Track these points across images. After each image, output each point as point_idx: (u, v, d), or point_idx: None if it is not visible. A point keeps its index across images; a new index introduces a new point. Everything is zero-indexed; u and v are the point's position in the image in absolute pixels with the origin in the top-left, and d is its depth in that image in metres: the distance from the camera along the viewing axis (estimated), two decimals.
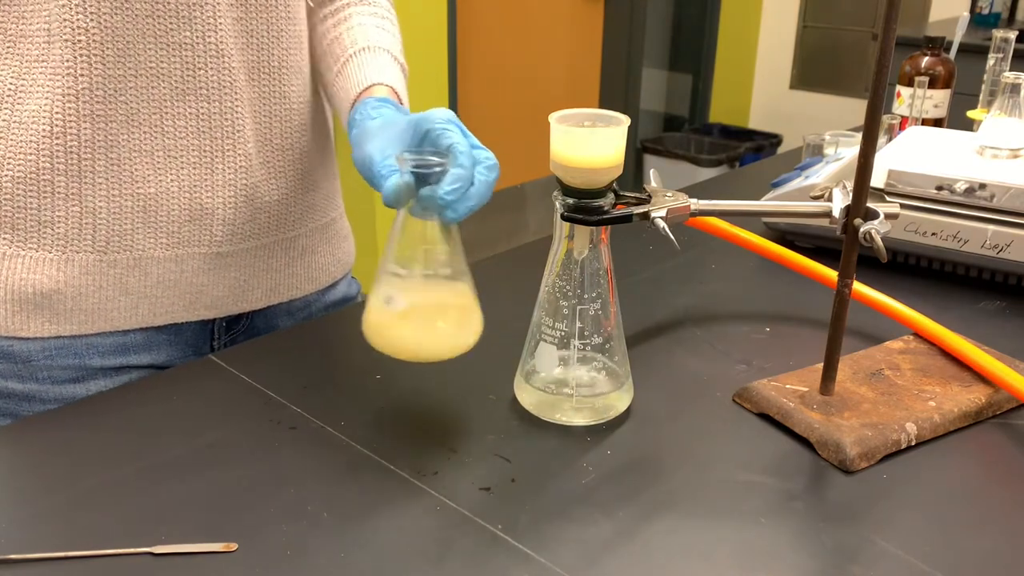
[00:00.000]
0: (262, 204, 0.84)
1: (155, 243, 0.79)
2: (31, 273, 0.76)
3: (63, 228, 0.76)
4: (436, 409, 0.72)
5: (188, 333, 0.85)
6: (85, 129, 0.73)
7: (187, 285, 0.82)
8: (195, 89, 0.76)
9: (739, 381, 0.74)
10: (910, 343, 0.79)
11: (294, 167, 0.86)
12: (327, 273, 0.94)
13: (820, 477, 0.64)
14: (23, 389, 0.79)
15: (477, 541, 0.57)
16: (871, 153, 0.63)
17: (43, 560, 0.54)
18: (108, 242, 0.77)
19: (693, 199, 0.72)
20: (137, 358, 0.83)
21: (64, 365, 0.80)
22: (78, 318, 0.79)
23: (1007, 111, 0.99)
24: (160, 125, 0.75)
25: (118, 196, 0.76)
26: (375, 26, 0.87)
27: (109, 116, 0.73)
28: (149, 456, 0.65)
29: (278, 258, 0.88)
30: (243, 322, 0.89)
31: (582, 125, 0.64)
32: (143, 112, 0.75)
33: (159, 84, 0.74)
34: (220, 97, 0.77)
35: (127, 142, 0.75)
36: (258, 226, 0.84)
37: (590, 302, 0.67)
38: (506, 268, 1.04)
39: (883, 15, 0.59)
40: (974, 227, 0.92)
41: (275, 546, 0.56)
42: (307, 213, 0.90)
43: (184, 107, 0.76)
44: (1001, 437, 0.70)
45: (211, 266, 0.83)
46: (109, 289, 0.79)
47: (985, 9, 3.19)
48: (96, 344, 0.80)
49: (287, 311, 0.92)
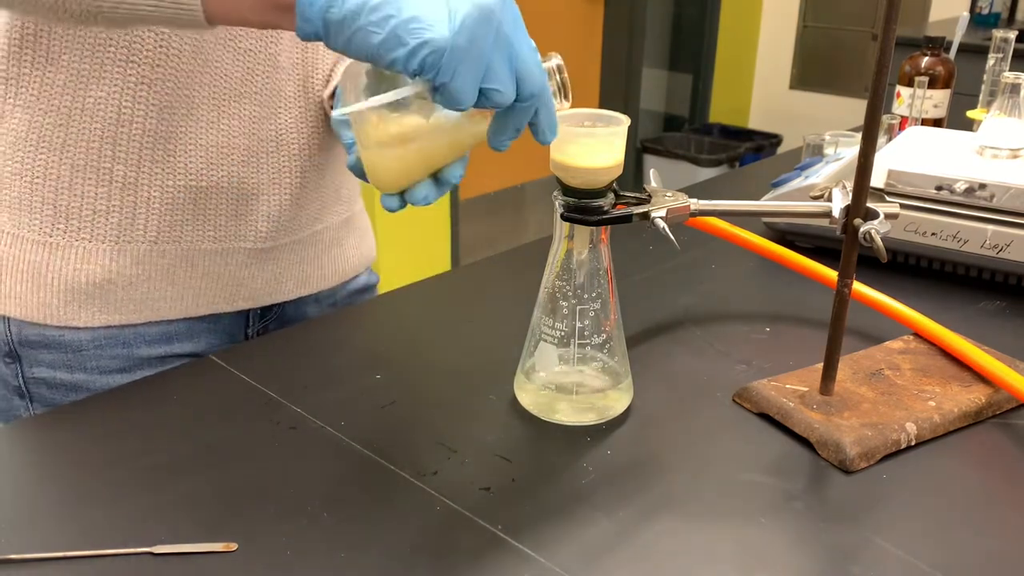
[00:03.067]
0: (301, 203, 0.87)
1: (203, 236, 0.81)
2: (85, 264, 0.78)
3: (117, 218, 0.77)
4: (436, 409, 0.72)
5: (226, 321, 0.88)
6: (151, 119, 0.75)
7: (230, 278, 0.85)
8: (251, 93, 0.79)
9: (739, 381, 0.74)
10: (910, 343, 0.79)
11: (330, 168, 0.90)
12: (352, 265, 0.98)
13: (820, 477, 0.64)
14: (71, 379, 0.81)
15: (477, 541, 0.57)
16: (871, 153, 0.63)
17: (43, 560, 0.54)
18: (159, 233, 0.79)
19: (693, 199, 0.72)
20: (180, 347, 0.85)
21: (113, 355, 0.81)
22: (128, 308, 0.80)
23: (1007, 111, 0.99)
24: (217, 122, 0.78)
25: (172, 188, 0.78)
26: None
27: (174, 108, 0.75)
28: (149, 456, 0.65)
29: (309, 251, 0.91)
30: (275, 311, 0.92)
31: (582, 125, 0.64)
32: (203, 107, 0.77)
33: (221, 83, 0.77)
34: (271, 103, 0.81)
35: (184, 135, 0.77)
36: (296, 223, 0.88)
37: (590, 302, 0.67)
38: (506, 268, 1.04)
39: (883, 15, 0.59)
40: (974, 227, 0.92)
41: (275, 546, 0.56)
42: (333, 208, 0.93)
43: (239, 107, 0.79)
44: (1001, 437, 0.70)
45: (253, 260, 0.86)
46: (158, 279, 0.81)
47: (985, 9, 3.20)
48: (143, 333, 0.82)
49: (315, 299, 0.95)
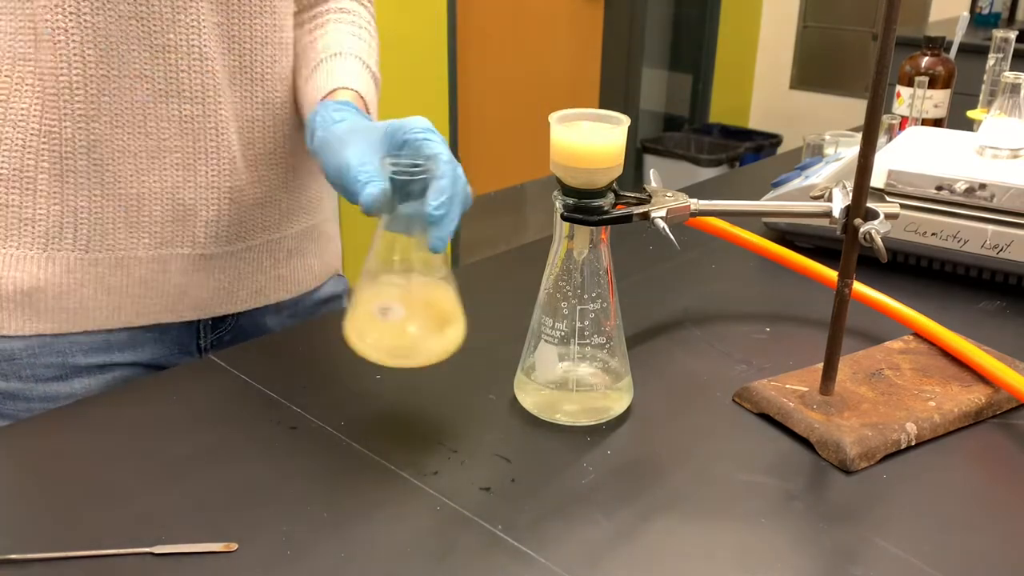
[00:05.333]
0: (247, 206, 0.83)
1: (137, 243, 0.79)
2: (12, 271, 0.76)
3: (44, 226, 0.76)
4: (436, 409, 0.72)
5: (174, 332, 0.85)
6: (67, 129, 0.73)
7: (170, 286, 0.82)
8: (178, 91, 0.76)
9: (739, 381, 0.74)
10: (910, 343, 0.79)
11: (280, 170, 0.86)
12: (313, 275, 0.94)
13: (820, 477, 0.64)
14: (6, 387, 0.79)
15: (477, 541, 0.57)
16: (871, 153, 0.63)
17: (43, 560, 0.54)
18: (90, 241, 0.77)
19: (693, 199, 0.72)
20: (121, 356, 0.83)
21: (47, 363, 0.80)
22: (60, 316, 0.79)
23: (1007, 111, 0.99)
24: (143, 126, 0.75)
25: (100, 196, 0.76)
26: (350, 34, 0.87)
27: (92, 116, 0.74)
28: (149, 456, 0.65)
29: (264, 260, 0.88)
30: (229, 321, 0.89)
31: (582, 125, 0.64)
32: (126, 113, 0.75)
33: (142, 85, 0.74)
34: (203, 100, 0.77)
35: (110, 142, 0.75)
36: (243, 228, 0.84)
37: (590, 302, 0.67)
38: (506, 268, 1.04)
39: (883, 15, 0.59)
40: (974, 227, 0.92)
41: (275, 546, 0.56)
42: (293, 216, 0.89)
43: (167, 109, 0.76)
44: (1001, 437, 0.70)
45: (195, 267, 0.82)
46: (91, 288, 0.79)
47: (985, 9, 3.20)
48: (80, 342, 0.80)
49: (274, 310, 0.92)
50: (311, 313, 0.95)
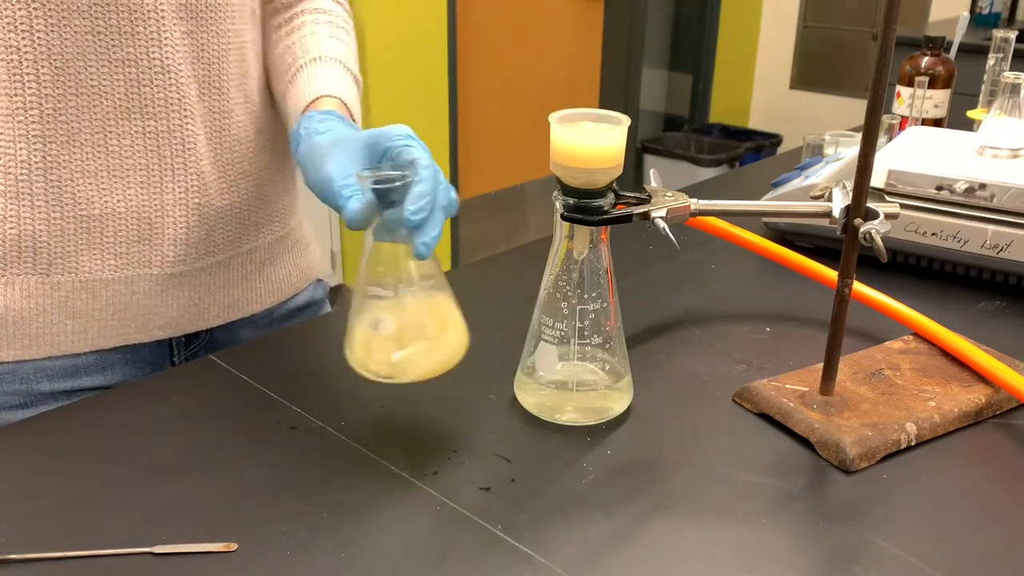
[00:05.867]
0: (217, 221, 0.81)
1: (102, 265, 0.76)
2: None
3: (0, 250, 0.73)
4: (436, 409, 0.72)
5: (145, 351, 0.83)
6: (22, 150, 0.70)
7: (138, 307, 0.79)
8: (140, 106, 0.73)
9: (739, 381, 0.74)
10: (910, 343, 0.79)
11: (251, 181, 0.83)
12: (289, 284, 0.92)
13: (820, 477, 0.64)
14: None
15: (477, 541, 0.57)
16: (871, 153, 0.63)
17: (43, 560, 0.54)
18: (51, 264, 0.74)
19: (693, 199, 0.72)
20: (90, 380, 0.80)
21: (10, 391, 0.77)
22: (21, 343, 0.76)
23: (1007, 111, 0.99)
24: (104, 145, 0.73)
25: (59, 218, 0.73)
26: (328, 35, 0.85)
27: (48, 137, 0.71)
28: (149, 456, 0.65)
29: (235, 273, 0.85)
30: (203, 337, 0.86)
31: (582, 125, 0.64)
32: (85, 132, 0.72)
33: (101, 102, 0.72)
34: (168, 114, 0.75)
35: (68, 163, 0.72)
36: (213, 244, 0.82)
37: (590, 302, 0.67)
38: (506, 268, 1.04)
39: (883, 15, 0.59)
40: (974, 227, 0.92)
41: (275, 546, 0.56)
42: (264, 226, 0.87)
43: (129, 125, 0.73)
44: (1001, 437, 0.70)
45: (163, 287, 0.80)
46: (54, 312, 0.76)
47: (985, 9, 3.20)
48: (44, 368, 0.77)
49: (249, 322, 0.89)
50: (289, 321, 0.93)
